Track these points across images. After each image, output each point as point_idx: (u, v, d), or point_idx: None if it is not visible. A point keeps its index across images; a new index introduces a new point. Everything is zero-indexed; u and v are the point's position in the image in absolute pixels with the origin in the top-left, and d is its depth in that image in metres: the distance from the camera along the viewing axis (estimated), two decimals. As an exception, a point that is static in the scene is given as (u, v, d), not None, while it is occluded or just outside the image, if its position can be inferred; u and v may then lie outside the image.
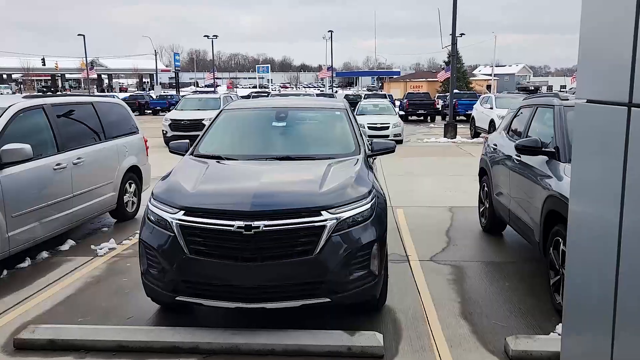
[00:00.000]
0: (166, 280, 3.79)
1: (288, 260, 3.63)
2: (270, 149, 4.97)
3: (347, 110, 5.58)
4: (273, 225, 3.61)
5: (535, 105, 5.73)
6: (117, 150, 7.36)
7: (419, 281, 5.07)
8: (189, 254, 3.68)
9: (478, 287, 4.93)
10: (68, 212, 6.12)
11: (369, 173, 4.42)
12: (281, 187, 4.05)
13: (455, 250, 6.09)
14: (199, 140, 5.18)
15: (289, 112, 5.48)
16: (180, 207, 3.78)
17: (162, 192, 4.06)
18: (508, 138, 6.26)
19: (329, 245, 3.66)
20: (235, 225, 3.60)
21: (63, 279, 5.28)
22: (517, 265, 5.53)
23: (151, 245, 3.84)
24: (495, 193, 6.30)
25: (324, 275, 3.67)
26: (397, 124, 18.32)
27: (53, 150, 5.99)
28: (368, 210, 3.90)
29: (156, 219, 3.90)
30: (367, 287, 3.85)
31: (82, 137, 6.67)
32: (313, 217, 3.68)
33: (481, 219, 7.07)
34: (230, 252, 3.64)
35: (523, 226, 5.24)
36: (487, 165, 6.70)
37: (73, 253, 6.17)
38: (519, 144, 4.95)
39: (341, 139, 5.15)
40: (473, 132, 20.46)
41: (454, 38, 20.26)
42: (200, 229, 3.69)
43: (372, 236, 3.85)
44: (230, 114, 5.63)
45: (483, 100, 20.54)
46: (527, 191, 5.10)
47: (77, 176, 6.28)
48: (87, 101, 7.12)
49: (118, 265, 5.69)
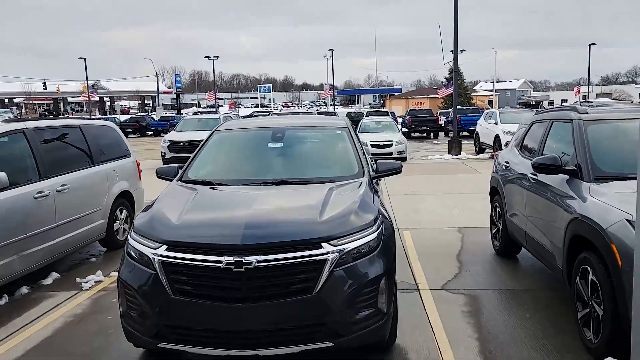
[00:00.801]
0: (147, 324, 3.35)
1: (284, 300, 3.19)
2: (266, 173, 4.56)
3: (348, 128, 5.18)
4: (267, 261, 3.19)
5: (550, 120, 5.32)
6: (107, 175, 6.97)
7: (431, 314, 4.61)
8: (172, 295, 3.25)
9: (496, 320, 4.47)
10: (51, 244, 5.70)
11: (374, 197, 4.00)
12: (276, 215, 3.63)
13: (468, 277, 5.63)
14: (188, 164, 4.78)
15: (286, 131, 5.07)
16: (163, 241, 3.36)
17: (143, 224, 3.65)
18: (521, 155, 5.84)
19: (330, 281, 3.23)
20: (224, 262, 3.17)
21: (41, 318, 4.84)
22: (536, 294, 5.07)
23: (130, 284, 3.41)
24: (509, 214, 5.86)
25: (326, 316, 3.23)
26: (401, 141, 17.95)
27: (34, 177, 5.59)
28: (374, 240, 3.47)
29: (137, 255, 3.47)
30: (374, 327, 3.40)
31: (68, 162, 6.28)
32: (312, 249, 3.25)
33: (494, 241, 6.62)
34: (218, 292, 3.20)
35: (542, 251, 4.80)
36: (499, 184, 6.27)
37: (56, 287, 5.73)
38: (536, 162, 4.53)
39: (343, 160, 4.74)
40: (478, 148, 20.06)
41: (456, 54, 20.00)
42: (184, 266, 3.26)
43: (380, 269, 3.42)
44: (222, 135, 5.23)
45: (487, 115, 20.19)
46: (546, 213, 4.66)
47: (61, 204, 5.87)
48: (74, 124, 6.76)
49: (103, 301, 5.24)
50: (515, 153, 6.08)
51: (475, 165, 16.28)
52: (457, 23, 19.36)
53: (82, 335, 4.43)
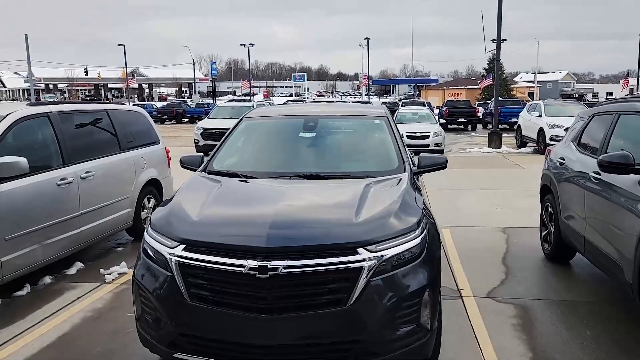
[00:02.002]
0: (162, 331, 3.02)
1: (314, 313, 2.81)
2: (296, 165, 4.15)
3: (387, 118, 4.72)
4: (295, 267, 2.80)
5: (616, 112, 4.73)
6: (134, 162, 6.73)
7: (476, 327, 4.15)
8: (189, 301, 2.91)
9: (552, 337, 3.98)
10: (74, 233, 5.48)
11: (416, 196, 3.56)
12: (306, 214, 3.23)
13: (516, 284, 5.12)
14: (214, 153, 4.43)
15: (319, 120, 4.65)
16: (180, 240, 3.02)
17: (159, 219, 3.31)
18: (579, 151, 5.27)
19: (367, 293, 2.82)
20: (246, 266, 2.81)
21: (61, 312, 4.61)
22: (596, 307, 4.53)
23: (145, 286, 3.09)
24: (564, 216, 5.31)
25: (361, 332, 2.83)
26: (438, 132, 17.28)
27: (58, 163, 5.36)
28: (417, 246, 3.04)
29: (153, 254, 3.14)
30: (416, 346, 2.98)
31: (93, 148, 6.04)
32: (347, 255, 2.85)
33: (544, 244, 6.07)
34: (240, 300, 2.84)
35: (606, 260, 4.26)
36: (553, 183, 5.71)
37: (79, 278, 5.52)
38: (603, 160, 3.98)
39: (381, 154, 4.29)
40: (519, 141, 19.16)
41: (499, 43, 19.08)
42: (202, 269, 2.91)
43: (423, 280, 2.99)
44: (251, 123, 4.85)
45: (530, 107, 19.24)
46: (612, 218, 4.12)
47: (86, 192, 5.64)
48: (101, 109, 6.52)
49: (124, 295, 4.98)
50: (572, 149, 5.50)
51: (517, 160, 15.52)
52: (502, 9, 18.43)
53: (100, 333, 4.17)
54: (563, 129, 16.30)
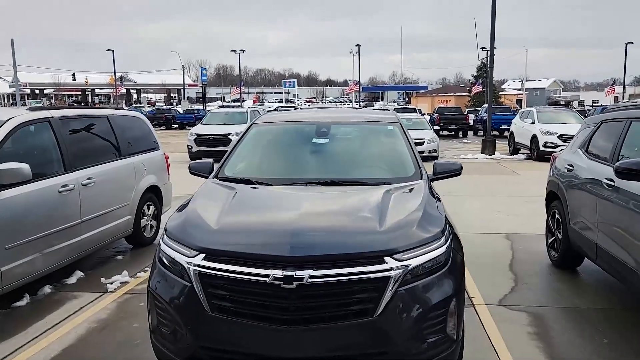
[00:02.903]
0: (180, 344, 2.92)
1: (340, 324, 2.72)
2: (311, 172, 4.07)
3: (400, 124, 4.66)
4: (321, 277, 2.72)
5: (628, 119, 4.73)
6: (135, 168, 6.60)
7: (492, 336, 4.09)
8: (211, 312, 2.81)
9: (569, 345, 3.93)
10: (75, 241, 5.33)
11: (437, 204, 3.50)
12: (329, 222, 3.15)
13: (527, 292, 5.08)
14: (225, 159, 4.33)
15: (331, 126, 4.58)
16: (200, 249, 2.92)
17: (176, 227, 3.21)
18: (589, 158, 5.25)
19: (394, 303, 2.75)
20: (271, 276, 2.72)
21: (64, 323, 4.47)
22: (610, 314, 4.50)
23: (162, 297, 2.98)
24: (573, 222, 5.29)
25: (388, 343, 2.75)
26: (433, 139, 17.32)
27: (59, 170, 5.23)
28: (443, 255, 2.97)
29: (169, 263, 3.04)
30: (442, 357, 2.91)
31: (94, 154, 5.91)
32: (374, 265, 2.77)
33: (550, 251, 6.04)
34: (263, 311, 2.75)
35: (621, 268, 4.23)
36: (560, 190, 5.69)
37: (80, 287, 5.37)
38: (620, 167, 3.96)
39: (397, 160, 4.23)
40: (512, 147, 19.26)
41: (492, 50, 19.22)
42: (224, 279, 2.81)
43: (449, 290, 2.92)
44: (261, 129, 4.77)
45: (523, 114, 19.35)
46: (627, 224, 4.09)
47: (87, 199, 5.51)
48: (102, 114, 6.39)
49: (130, 305, 4.86)
50: (580, 155, 5.48)
51: (512, 166, 15.58)
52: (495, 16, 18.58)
53: (107, 345, 4.04)
54: (556, 136, 16.47)
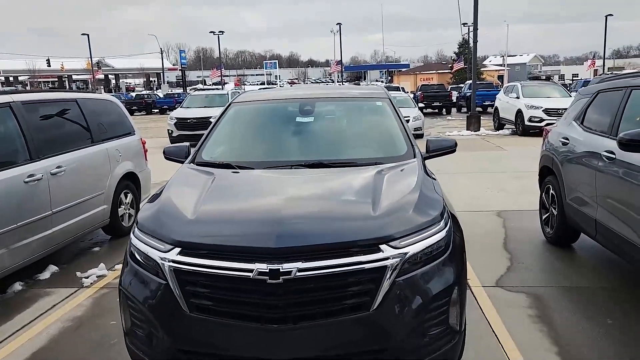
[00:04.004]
0: (157, 348, 2.64)
1: (334, 320, 2.46)
2: (296, 153, 3.77)
3: (389, 99, 4.37)
4: (311, 269, 2.45)
5: (628, 88, 4.49)
6: (108, 155, 6.23)
7: (492, 319, 3.88)
8: (189, 312, 2.53)
9: (573, 327, 3.73)
10: (46, 234, 4.99)
11: (434, 184, 3.24)
12: (317, 208, 2.87)
13: (523, 271, 4.89)
14: (202, 143, 4.01)
15: (316, 103, 4.27)
16: (174, 242, 2.62)
17: (148, 218, 2.91)
18: (585, 130, 5.03)
19: (392, 294, 2.49)
20: (255, 271, 2.44)
21: (35, 322, 4.16)
22: (612, 294, 4.32)
23: (134, 296, 2.69)
24: (569, 198, 5.09)
25: (387, 339, 2.50)
26: (418, 117, 17.08)
27: (24, 158, 4.86)
28: (443, 240, 2.72)
29: (142, 258, 2.74)
30: (445, 350, 2.68)
31: (63, 141, 5.53)
32: (369, 253, 2.50)
33: (544, 228, 5.85)
34: (248, 309, 2.48)
35: (623, 244, 4.03)
36: (555, 164, 5.47)
37: (54, 283, 5.05)
38: (624, 138, 3.72)
39: (388, 138, 3.94)
40: (497, 123, 19.13)
41: (476, 25, 18.91)
42: (203, 275, 2.53)
43: (451, 277, 2.68)
44: (241, 109, 4.43)
45: (507, 89, 19.18)
46: (632, 200, 3.88)
47: (57, 188, 5.15)
48: (70, 98, 5.98)
49: (106, 301, 4.56)
50: (576, 128, 5.26)
51: (498, 142, 15.42)
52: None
53: (81, 345, 3.75)
54: (541, 110, 16.34)
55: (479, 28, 18.92)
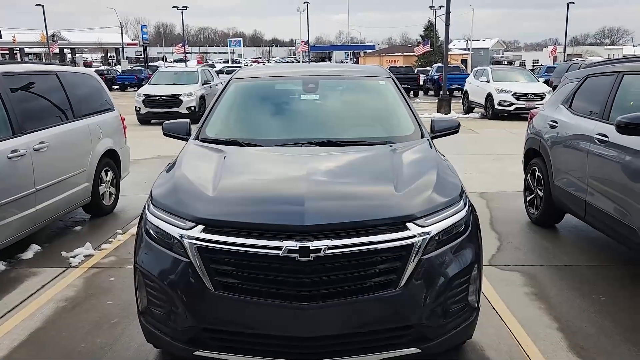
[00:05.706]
0: (179, 326, 2.58)
1: (362, 298, 2.47)
2: (304, 131, 3.71)
3: (392, 78, 4.36)
4: (340, 247, 2.43)
5: (619, 73, 4.62)
6: (90, 131, 6.00)
7: (492, 298, 3.98)
8: (214, 290, 2.48)
9: (569, 304, 3.87)
10: (30, 212, 4.79)
11: (448, 164, 3.27)
12: (341, 186, 2.84)
13: (514, 251, 5.02)
14: (205, 120, 3.90)
15: (319, 81, 4.21)
16: (197, 220, 2.55)
17: (165, 195, 2.82)
18: (575, 114, 5.16)
19: (418, 272, 2.52)
20: (284, 248, 2.41)
21: (26, 303, 4.01)
22: (601, 271, 4.49)
23: (153, 274, 2.62)
24: (557, 180, 5.24)
25: (413, 315, 2.53)
26: (390, 98, 17.14)
27: (7, 134, 4.62)
28: (463, 220, 2.75)
29: (160, 236, 2.67)
30: (464, 326, 2.73)
31: (45, 115, 5.29)
32: (396, 232, 2.51)
33: (529, 209, 6.02)
34: (276, 287, 2.45)
35: (615, 224, 4.19)
36: (543, 147, 5.61)
37: (38, 263, 4.87)
38: (623, 121, 3.84)
39: (395, 117, 3.94)
40: (467, 106, 19.44)
41: (448, 7, 19.04)
42: (229, 253, 2.48)
43: (471, 255, 2.72)
44: (241, 85, 4.32)
45: (477, 73, 19.47)
46: (625, 180, 4.03)
47: (41, 165, 4.94)
48: (50, 70, 5.71)
49: (99, 280, 4.43)
50: (564, 111, 5.39)
51: (469, 125, 15.69)
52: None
53: (80, 326, 3.63)
54: (511, 94, 16.70)
55: (443, 10, 19.07)
